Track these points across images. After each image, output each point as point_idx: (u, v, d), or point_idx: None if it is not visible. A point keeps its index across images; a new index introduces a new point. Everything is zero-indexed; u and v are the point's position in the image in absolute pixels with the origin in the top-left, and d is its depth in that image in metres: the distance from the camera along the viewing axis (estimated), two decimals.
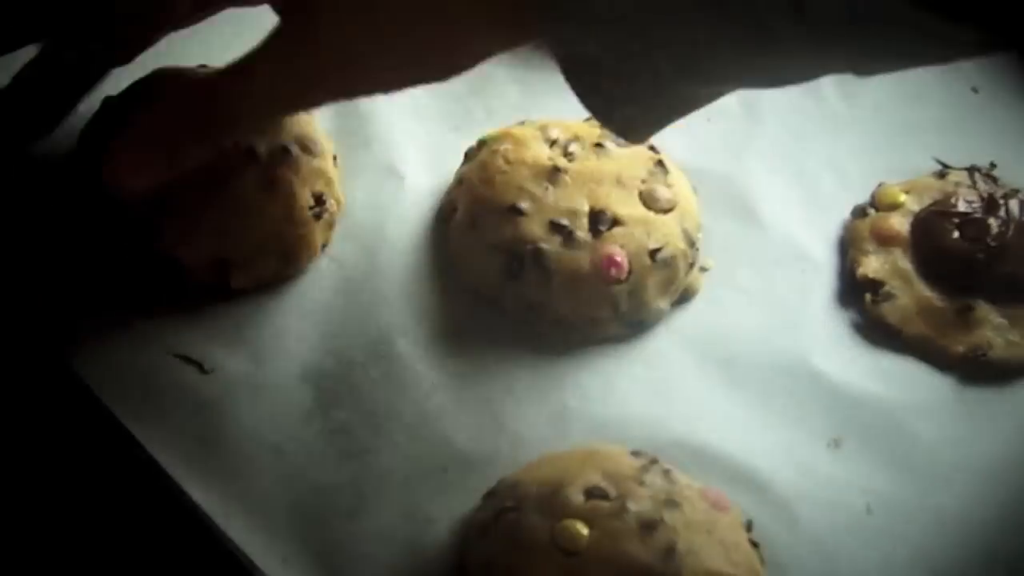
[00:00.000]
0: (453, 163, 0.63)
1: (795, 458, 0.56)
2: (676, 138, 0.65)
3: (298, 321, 0.58)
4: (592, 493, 0.51)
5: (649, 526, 0.50)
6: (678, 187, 0.61)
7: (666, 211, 0.59)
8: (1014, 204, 0.61)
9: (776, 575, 0.52)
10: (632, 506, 0.50)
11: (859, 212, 0.64)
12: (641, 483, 0.51)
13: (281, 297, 0.59)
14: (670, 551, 0.49)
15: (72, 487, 0.52)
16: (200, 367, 0.56)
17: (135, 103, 0.59)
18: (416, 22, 0.46)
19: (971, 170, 0.64)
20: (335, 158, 0.62)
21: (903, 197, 0.63)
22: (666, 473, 0.53)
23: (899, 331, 0.60)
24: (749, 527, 0.53)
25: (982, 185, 0.63)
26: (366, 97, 0.55)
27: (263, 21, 0.67)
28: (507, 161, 0.60)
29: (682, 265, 0.59)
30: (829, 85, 0.69)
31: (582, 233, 0.58)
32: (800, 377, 0.58)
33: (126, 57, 0.58)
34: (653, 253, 0.58)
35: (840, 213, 0.64)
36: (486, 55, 0.48)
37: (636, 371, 0.58)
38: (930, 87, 0.69)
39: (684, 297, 0.60)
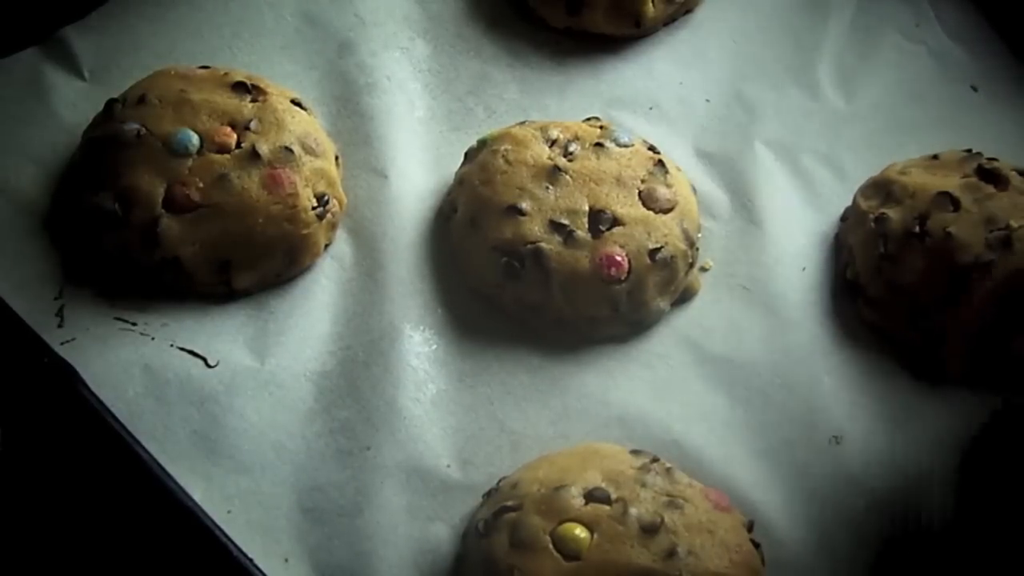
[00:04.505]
0: (453, 163, 0.63)
1: (795, 457, 0.56)
2: (676, 138, 0.65)
3: (300, 320, 0.58)
4: (593, 495, 0.51)
5: (650, 529, 0.50)
6: (678, 187, 0.61)
7: (666, 211, 0.60)
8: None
9: (777, 575, 0.53)
10: (633, 509, 0.50)
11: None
12: (642, 484, 0.52)
13: (284, 297, 0.59)
14: (671, 553, 0.49)
15: (72, 487, 0.52)
16: (205, 361, 0.56)
17: (138, 105, 0.59)
18: None
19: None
20: (337, 158, 0.62)
21: None
22: (667, 472, 0.53)
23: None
24: (750, 527, 0.53)
25: None
26: None
27: (264, 22, 0.68)
28: (507, 161, 0.60)
29: (682, 265, 0.59)
30: (829, 83, 0.69)
31: (582, 233, 0.58)
32: (800, 376, 0.58)
33: None
34: (653, 253, 0.58)
35: (840, 212, 0.64)
36: None
37: (636, 371, 0.58)
38: (930, 85, 0.69)
39: (684, 297, 0.60)
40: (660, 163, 0.61)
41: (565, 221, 0.58)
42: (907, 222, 0.59)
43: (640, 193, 0.60)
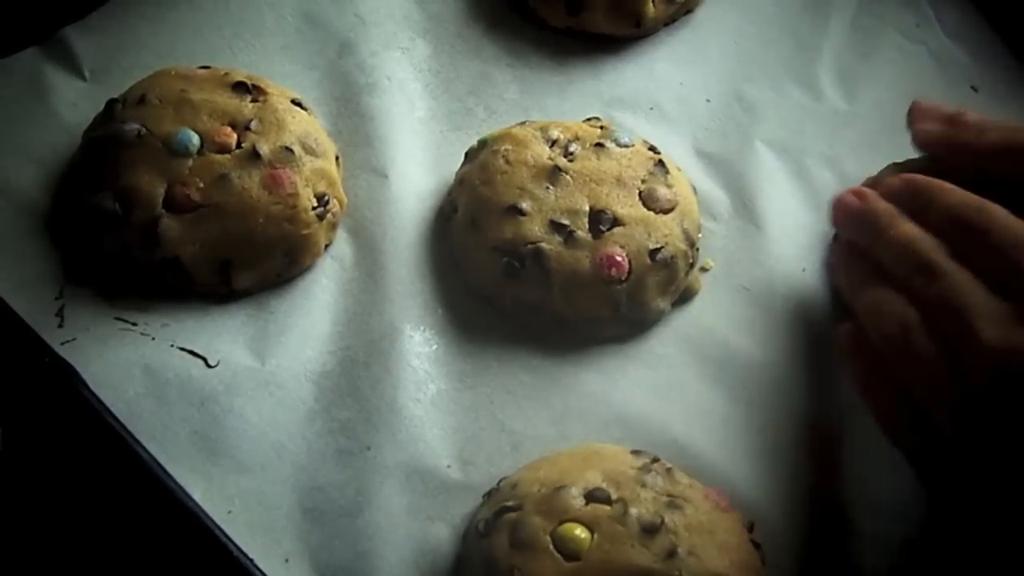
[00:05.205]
0: (454, 163, 0.63)
1: (795, 457, 0.56)
2: (676, 138, 0.65)
3: (301, 321, 0.58)
4: (593, 495, 0.51)
5: (650, 529, 0.50)
6: (678, 187, 0.61)
7: (666, 211, 0.59)
8: None
9: (777, 575, 0.53)
10: (633, 510, 0.50)
11: None
12: (642, 484, 0.52)
13: (284, 297, 0.59)
14: (671, 554, 0.49)
15: (72, 487, 0.52)
16: (205, 361, 0.56)
17: (138, 105, 0.59)
18: None
19: None
20: (337, 158, 0.62)
21: None
22: (668, 472, 0.53)
23: None
24: (751, 527, 0.53)
25: None
26: None
27: (264, 22, 0.68)
28: (508, 161, 0.60)
29: (682, 265, 0.59)
30: (829, 83, 0.69)
31: (582, 233, 0.58)
32: (800, 377, 0.58)
33: None
34: (653, 253, 0.58)
35: None
36: None
37: (636, 371, 0.58)
38: (930, 85, 0.69)
39: (684, 297, 0.60)
40: (660, 163, 0.61)
41: (565, 221, 0.58)
42: None
43: (640, 193, 0.60)
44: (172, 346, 0.56)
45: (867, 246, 0.54)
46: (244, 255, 0.57)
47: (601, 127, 0.63)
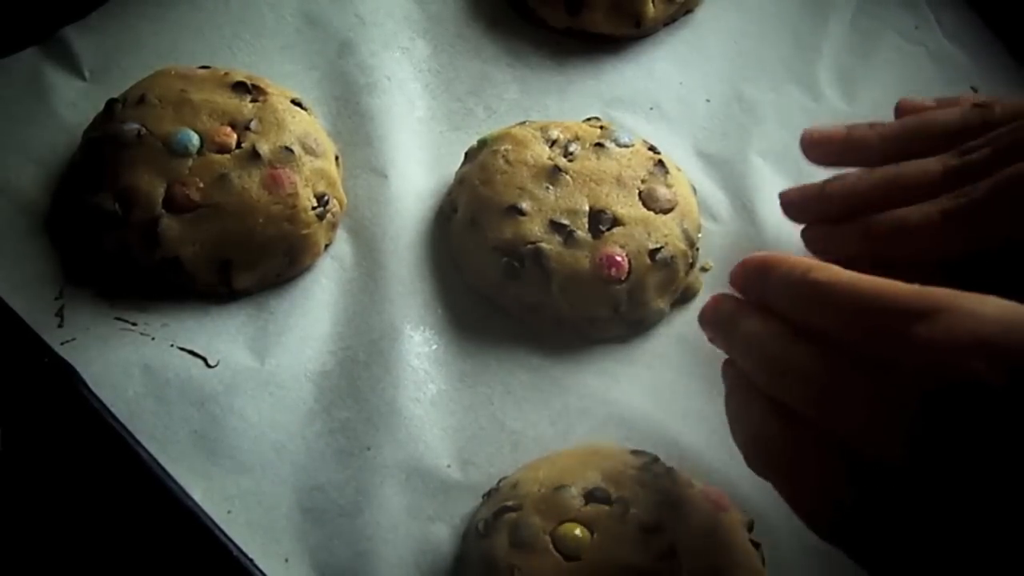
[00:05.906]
0: (454, 163, 0.63)
1: None
2: (676, 138, 0.65)
3: (301, 320, 0.58)
4: (593, 495, 0.51)
5: (650, 529, 0.50)
6: (678, 187, 0.61)
7: (666, 211, 0.60)
8: None
9: (777, 575, 0.53)
10: (633, 509, 0.50)
11: None
12: (642, 484, 0.52)
13: (284, 297, 0.59)
14: (671, 553, 0.49)
15: (72, 487, 0.52)
16: (205, 361, 0.56)
17: (138, 105, 0.59)
18: None
19: None
20: (337, 158, 0.62)
21: None
22: (668, 472, 0.53)
23: None
24: (750, 527, 0.53)
25: None
26: None
27: (264, 22, 0.68)
28: (507, 161, 0.60)
29: (682, 265, 0.59)
30: (829, 84, 0.69)
31: (582, 233, 0.58)
32: None
33: None
34: (653, 253, 0.58)
35: None
36: None
37: (636, 371, 0.58)
38: (930, 85, 0.69)
39: (684, 297, 0.61)
40: (660, 163, 0.61)
41: (565, 221, 0.58)
42: None
43: (640, 193, 0.60)
44: (172, 346, 0.56)
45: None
46: (244, 255, 0.57)
47: (601, 127, 0.63)
